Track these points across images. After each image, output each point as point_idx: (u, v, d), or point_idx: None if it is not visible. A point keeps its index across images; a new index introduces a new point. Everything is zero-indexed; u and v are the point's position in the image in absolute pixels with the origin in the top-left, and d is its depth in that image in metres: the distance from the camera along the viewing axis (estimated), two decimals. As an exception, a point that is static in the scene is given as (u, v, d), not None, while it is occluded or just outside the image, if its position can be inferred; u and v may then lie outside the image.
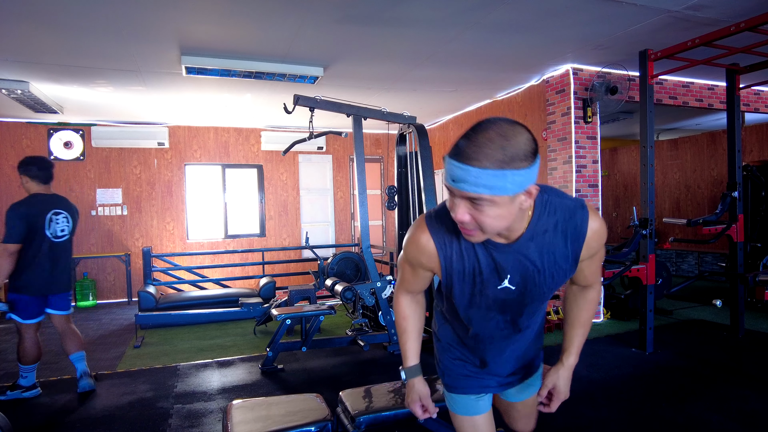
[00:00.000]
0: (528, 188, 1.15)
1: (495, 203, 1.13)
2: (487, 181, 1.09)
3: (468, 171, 1.10)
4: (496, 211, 1.15)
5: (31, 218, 3.54)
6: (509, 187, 1.11)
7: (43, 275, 3.60)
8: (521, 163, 1.10)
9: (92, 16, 3.85)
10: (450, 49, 4.80)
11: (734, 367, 4.11)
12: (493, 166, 1.08)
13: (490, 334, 1.54)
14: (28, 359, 3.65)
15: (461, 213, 1.17)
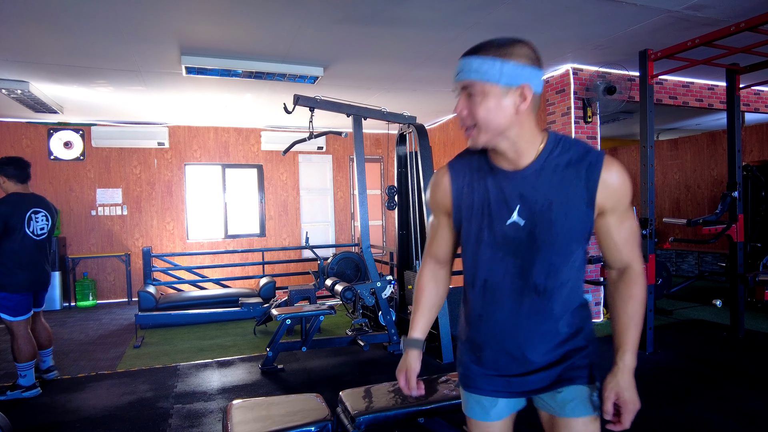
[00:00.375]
0: (522, 86, 1.20)
1: (486, 94, 1.21)
2: (479, 66, 1.21)
3: (465, 61, 1.27)
4: (489, 104, 1.21)
5: (8, 216, 3.58)
6: (498, 75, 1.19)
7: (35, 272, 3.69)
8: (514, 58, 1.19)
9: (92, 16, 3.85)
10: (450, 49, 4.80)
11: (734, 367, 4.11)
12: (487, 54, 1.22)
13: (499, 284, 1.35)
14: (24, 357, 3.67)
15: (459, 106, 1.27)
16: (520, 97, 1.21)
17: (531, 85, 1.21)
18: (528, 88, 1.21)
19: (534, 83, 1.22)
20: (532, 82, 1.21)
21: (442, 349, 4.44)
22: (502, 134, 1.25)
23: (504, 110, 1.22)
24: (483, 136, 1.26)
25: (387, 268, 7.26)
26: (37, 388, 3.78)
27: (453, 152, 8.28)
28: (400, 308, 5.47)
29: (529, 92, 1.21)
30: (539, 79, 1.24)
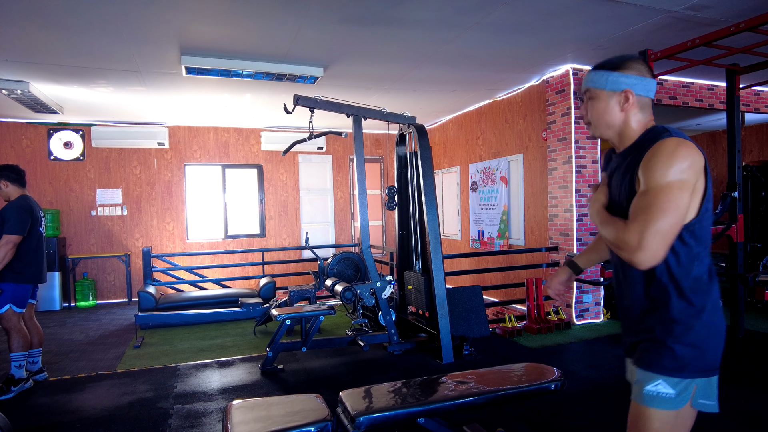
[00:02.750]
0: (624, 90, 1.49)
1: (597, 98, 1.54)
2: (593, 77, 1.54)
3: (588, 74, 1.57)
4: (598, 106, 1.54)
5: (34, 214, 3.90)
6: (605, 83, 1.51)
7: (40, 266, 3.95)
8: (619, 70, 1.50)
9: (92, 17, 3.85)
10: (450, 49, 4.80)
11: (734, 367, 4.11)
12: (601, 69, 1.54)
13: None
14: (23, 346, 3.83)
15: (582, 109, 1.62)
16: (622, 97, 1.51)
17: (633, 89, 1.49)
18: (630, 93, 1.49)
19: (637, 86, 1.50)
20: (635, 86, 1.49)
21: (442, 349, 4.44)
22: None
23: (609, 110, 1.54)
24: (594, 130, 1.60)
25: (387, 268, 7.26)
26: (30, 381, 3.95)
27: (453, 152, 8.29)
28: (400, 308, 5.47)
29: (631, 95, 1.49)
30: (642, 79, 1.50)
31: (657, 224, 1.31)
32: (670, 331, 1.44)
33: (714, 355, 1.47)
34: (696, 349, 1.43)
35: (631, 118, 1.51)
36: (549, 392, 2.38)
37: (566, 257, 1.53)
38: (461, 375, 2.53)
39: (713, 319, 1.45)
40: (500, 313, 6.49)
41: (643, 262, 1.32)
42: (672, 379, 1.45)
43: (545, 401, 3.36)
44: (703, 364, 1.46)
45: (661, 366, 1.45)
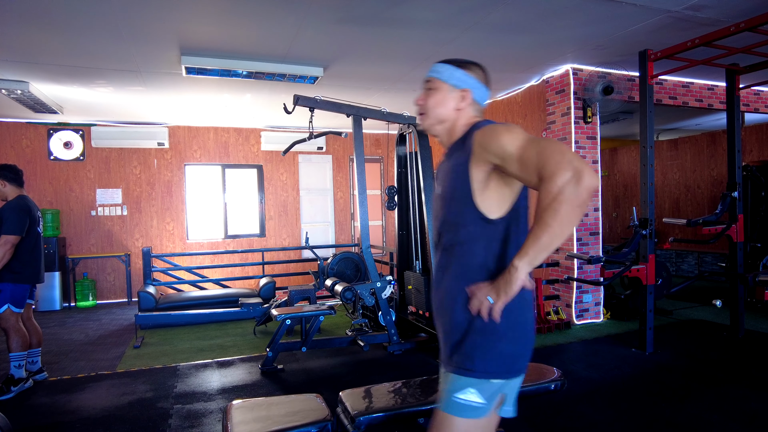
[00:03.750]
0: (463, 89, 1.54)
1: (437, 89, 1.58)
2: (439, 68, 1.60)
3: (434, 65, 1.63)
4: (437, 97, 1.58)
5: (32, 215, 3.89)
6: (449, 77, 1.56)
7: (38, 266, 3.95)
8: (465, 69, 1.56)
9: (92, 17, 3.85)
10: (450, 49, 4.80)
11: (734, 367, 4.11)
12: (449, 63, 1.59)
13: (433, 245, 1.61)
14: (22, 346, 3.82)
15: (420, 97, 1.65)
16: (460, 95, 1.56)
17: (471, 90, 1.55)
18: (468, 93, 1.55)
19: (475, 89, 1.56)
20: (473, 88, 1.55)
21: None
22: None
23: (446, 103, 1.58)
24: (428, 120, 1.65)
25: (387, 268, 7.26)
26: (30, 381, 3.95)
27: (453, 152, 8.27)
28: (400, 308, 5.47)
29: (468, 95, 1.55)
30: (478, 84, 1.57)
31: (558, 148, 1.27)
32: (477, 330, 1.40)
33: (523, 355, 1.44)
34: (504, 349, 1.39)
35: (461, 117, 1.55)
36: (549, 392, 2.39)
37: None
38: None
39: (521, 317, 1.42)
40: (500, 313, 6.49)
41: (592, 180, 1.22)
42: (480, 384, 1.38)
43: (545, 401, 3.36)
44: (513, 366, 1.41)
45: (468, 369, 1.39)
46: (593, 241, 5.67)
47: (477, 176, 1.40)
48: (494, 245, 1.42)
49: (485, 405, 1.39)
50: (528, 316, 1.45)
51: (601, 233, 5.76)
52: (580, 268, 5.60)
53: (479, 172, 1.40)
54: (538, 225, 1.28)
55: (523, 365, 1.45)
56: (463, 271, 1.44)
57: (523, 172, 1.32)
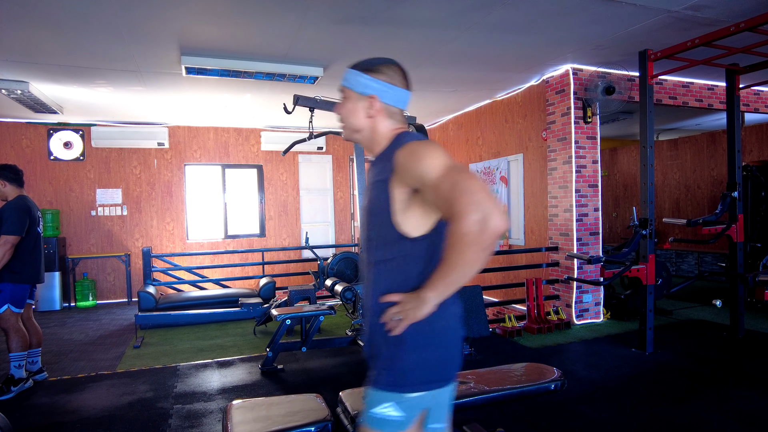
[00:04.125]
0: (370, 95, 1.44)
1: (347, 98, 1.49)
2: (347, 76, 1.49)
3: (345, 71, 1.51)
4: (348, 106, 1.48)
5: (32, 215, 3.88)
6: (354, 84, 1.46)
7: (38, 266, 3.94)
8: (370, 73, 1.46)
9: (92, 17, 3.85)
10: (450, 49, 4.80)
11: (734, 367, 4.11)
12: (355, 68, 1.48)
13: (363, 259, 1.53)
14: (22, 346, 3.82)
15: (337, 106, 1.53)
16: (368, 102, 1.45)
17: (379, 96, 1.45)
18: (377, 101, 1.45)
19: (382, 93, 1.45)
20: (380, 92, 1.45)
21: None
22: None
23: (357, 112, 1.48)
24: (346, 131, 1.54)
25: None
26: (30, 381, 3.95)
27: (453, 152, 8.28)
28: (400, 308, 5.47)
29: (377, 103, 1.45)
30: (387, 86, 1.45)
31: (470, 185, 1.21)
32: (392, 344, 1.35)
33: (441, 367, 1.38)
34: (421, 361, 1.34)
35: (378, 125, 1.46)
36: (549, 392, 2.39)
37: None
38: (461, 375, 2.53)
39: (439, 329, 1.37)
40: (500, 313, 6.49)
41: (499, 224, 1.19)
42: (396, 398, 1.34)
43: (545, 401, 3.36)
44: (429, 377, 1.36)
45: (384, 383, 1.35)
46: (593, 241, 5.67)
47: (398, 196, 1.35)
48: (417, 263, 1.37)
49: (403, 418, 1.34)
50: (446, 327, 1.39)
51: (601, 233, 5.77)
52: (580, 268, 5.60)
53: (400, 192, 1.34)
54: (445, 262, 1.26)
55: (444, 377, 1.39)
56: (386, 288, 1.39)
57: (437, 202, 1.29)
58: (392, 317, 1.33)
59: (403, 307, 1.31)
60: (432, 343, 1.36)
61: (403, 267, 1.37)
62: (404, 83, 1.49)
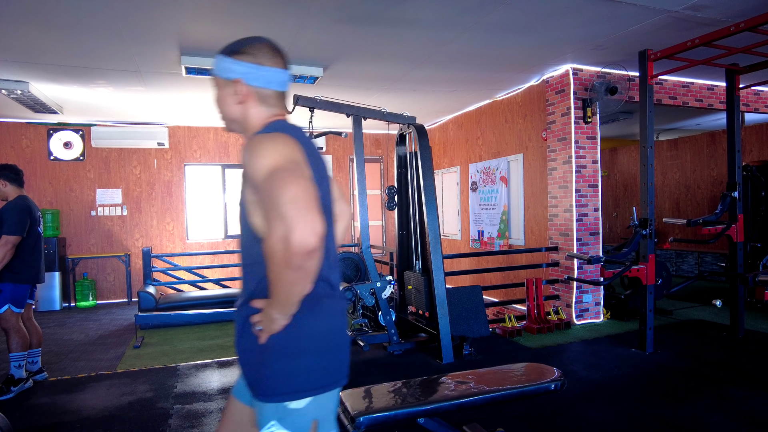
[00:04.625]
0: (236, 80, 1.33)
1: (216, 86, 1.38)
2: (214, 62, 1.37)
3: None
4: (218, 93, 1.38)
5: (33, 215, 3.88)
6: (219, 69, 1.35)
7: (39, 266, 3.94)
8: (234, 56, 1.34)
9: (92, 17, 3.85)
10: (450, 49, 4.80)
11: (734, 367, 4.11)
12: (220, 53, 1.37)
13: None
14: (19, 347, 3.81)
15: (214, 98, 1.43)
16: (235, 87, 1.34)
17: (245, 79, 1.33)
18: (242, 85, 1.34)
19: (248, 75, 1.33)
20: (246, 75, 1.33)
21: (442, 349, 4.44)
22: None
23: (226, 99, 1.38)
24: (224, 122, 1.44)
25: (387, 268, 7.26)
26: (30, 381, 3.95)
27: (453, 152, 8.28)
28: (400, 308, 5.47)
29: (243, 87, 1.34)
30: (253, 67, 1.33)
31: (282, 195, 1.09)
32: (264, 347, 1.26)
33: (320, 371, 1.28)
34: (299, 364, 1.25)
35: (249, 112, 1.35)
36: (549, 392, 2.38)
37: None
38: (461, 375, 2.54)
39: (314, 332, 1.28)
40: (500, 313, 6.49)
41: (303, 240, 1.07)
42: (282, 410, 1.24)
43: (545, 401, 3.36)
44: (311, 382, 1.26)
45: (262, 392, 1.25)
46: (593, 241, 5.67)
47: (249, 195, 1.27)
48: None
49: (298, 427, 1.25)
50: (319, 331, 1.29)
51: (601, 233, 5.76)
52: (580, 268, 5.60)
53: (250, 192, 1.26)
54: (270, 281, 1.18)
55: (323, 383, 1.29)
56: (249, 293, 1.31)
57: (261, 208, 1.21)
58: (255, 326, 1.26)
59: (263, 317, 1.24)
60: (304, 350, 1.26)
61: (264, 271, 1.24)
62: (275, 61, 1.35)
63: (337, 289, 1.39)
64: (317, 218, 1.10)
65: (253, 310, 1.27)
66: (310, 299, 1.25)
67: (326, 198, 1.35)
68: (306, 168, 1.22)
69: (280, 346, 1.25)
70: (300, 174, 1.16)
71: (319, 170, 1.33)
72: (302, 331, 1.26)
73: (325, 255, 1.29)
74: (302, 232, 1.07)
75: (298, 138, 1.28)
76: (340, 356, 1.33)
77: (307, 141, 1.33)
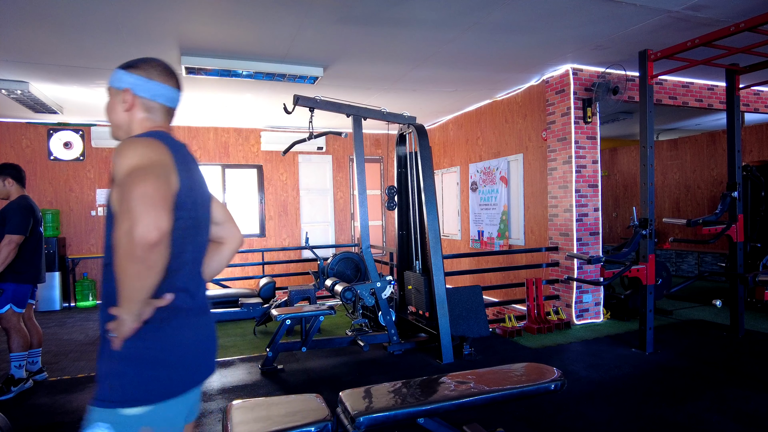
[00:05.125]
0: (125, 89, 1.44)
1: (110, 95, 1.48)
2: (111, 75, 1.48)
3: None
4: (109, 101, 1.48)
5: (35, 214, 3.89)
6: (112, 79, 1.47)
7: (40, 266, 3.95)
8: (128, 69, 1.46)
9: (92, 16, 3.85)
10: (450, 49, 4.80)
11: (734, 367, 4.11)
12: (117, 67, 1.49)
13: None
14: (20, 347, 3.81)
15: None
16: (123, 96, 1.45)
17: (132, 89, 1.44)
18: (130, 94, 1.44)
19: (136, 87, 1.44)
20: (134, 86, 1.44)
21: (442, 349, 4.44)
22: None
23: (115, 107, 1.47)
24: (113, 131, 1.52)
25: (387, 268, 7.26)
26: (30, 381, 3.95)
27: (453, 152, 8.29)
28: (400, 308, 5.47)
29: (130, 96, 1.44)
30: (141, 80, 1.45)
31: (133, 191, 1.14)
32: (113, 355, 1.27)
33: (156, 383, 1.28)
34: (143, 374, 1.27)
35: (133, 119, 1.45)
36: (549, 392, 2.39)
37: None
38: (461, 375, 2.54)
39: (156, 342, 1.30)
40: (500, 313, 6.50)
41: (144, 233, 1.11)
42: (113, 414, 1.25)
43: (545, 401, 3.36)
44: (152, 393, 1.28)
45: (102, 397, 1.26)
46: (593, 241, 5.67)
47: (114, 195, 1.30)
48: None
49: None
50: (167, 344, 1.32)
51: (601, 233, 5.77)
52: (580, 268, 5.60)
53: (114, 192, 1.29)
54: (116, 276, 1.20)
55: (165, 394, 1.30)
56: (105, 296, 1.34)
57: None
58: (109, 333, 1.27)
59: (116, 323, 1.24)
60: (149, 360, 1.28)
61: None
62: (164, 78, 1.48)
63: (200, 302, 1.43)
64: (163, 215, 1.15)
65: (109, 316, 1.27)
66: (166, 310, 1.30)
67: (197, 210, 1.41)
68: (167, 172, 1.27)
69: (127, 355, 1.27)
70: (156, 174, 1.21)
71: (194, 182, 1.40)
72: (149, 342, 1.29)
73: (189, 267, 1.38)
74: (145, 225, 1.12)
75: (170, 146, 1.34)
76: (187, 370, 1.36)
77: (181, 153, 1.39)
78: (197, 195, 1.42)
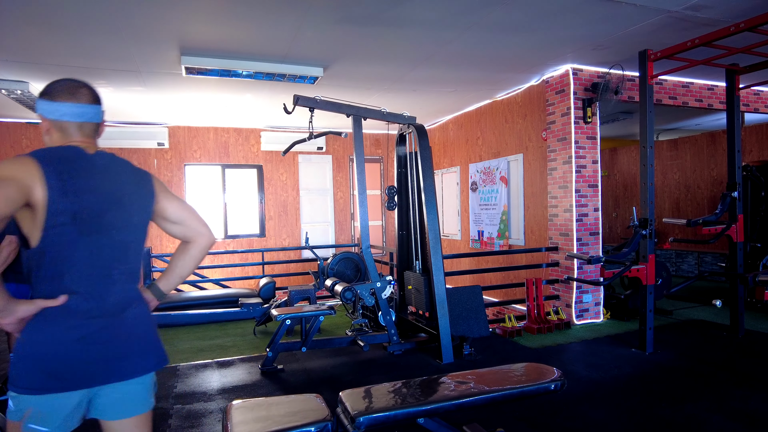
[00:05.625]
0: (39, 115, 1.56)
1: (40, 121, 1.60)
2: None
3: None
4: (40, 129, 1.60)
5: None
6: (36, 108, 1.58)
7: None
8: (41, 95, 1.55)
9: (92, 17, 3.85)
10: (450, 49, 4.80)
11: (734, 367, 4.11)
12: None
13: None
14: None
15: None
16: (41, 121, 1.58)
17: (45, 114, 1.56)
18: (43, 120, 1.57)
19: (46, 112, 1.55)
20: (45, 112, 1.55)
21: (442, 349, 4.44)
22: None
23: (42, 133, 1.61)
24: None
25: (387, 268, 7.26)
26: None
27: (453, 152, 8.29)
28: (400, 308, 5.47)
29: (43, 122, 1.57)
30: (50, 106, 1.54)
31: None
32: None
33: (27, 375, 1.45)
34: (18, 362, 1.46)
35: (54, 142, 1.57)
36: (549, 392, 2.39)
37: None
38: (461, 375, 2.54)
39: (24, 337, 1.47)
40: (500, 313, 6.50)
41: None
42: (11, 393, 1.47)
43: (545, 401, 3.36)
44: (23, 381, 1.45)
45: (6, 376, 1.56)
46: (593, 241, 5.67)
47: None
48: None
49: (14, 410, 1.46)
50: (26, 338, 1.48)
51: (601, 233, 5.77)
52: (580, 268, 5.60)
53: None
54: None
55: (24, 385, 1.45)
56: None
57: None
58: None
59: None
60: (19, 354, 1.47)
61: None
62: (67, 97, 1.55)
63: (98, 304, 1.55)
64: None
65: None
66: (45, 310, 1.49)
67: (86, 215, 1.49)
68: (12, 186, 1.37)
69: (15, 346, 1.50)
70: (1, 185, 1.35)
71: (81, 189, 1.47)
72: (22, 336, 1.48)
73: (81, 270, 1.52)
74: None
75: (48, 161, 1.43)
76: (46, 369, 1.45)
77: (69, 165, 1.47)
78: (88, 201, 1.48)
